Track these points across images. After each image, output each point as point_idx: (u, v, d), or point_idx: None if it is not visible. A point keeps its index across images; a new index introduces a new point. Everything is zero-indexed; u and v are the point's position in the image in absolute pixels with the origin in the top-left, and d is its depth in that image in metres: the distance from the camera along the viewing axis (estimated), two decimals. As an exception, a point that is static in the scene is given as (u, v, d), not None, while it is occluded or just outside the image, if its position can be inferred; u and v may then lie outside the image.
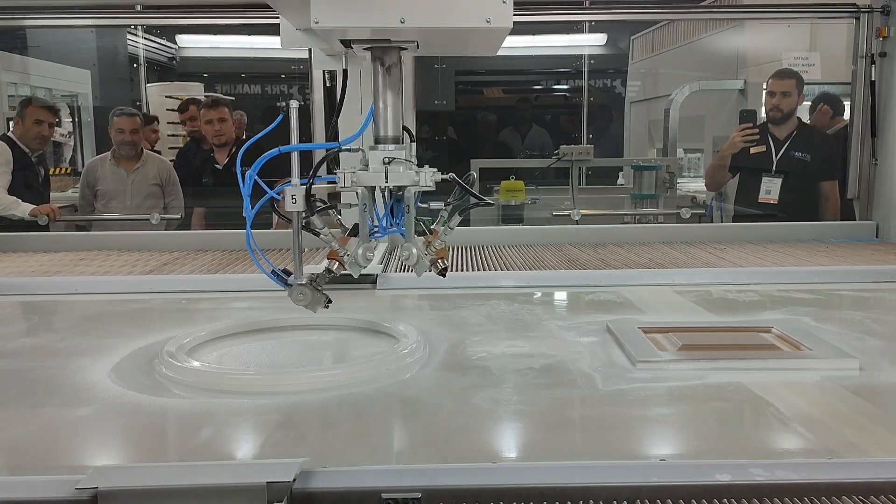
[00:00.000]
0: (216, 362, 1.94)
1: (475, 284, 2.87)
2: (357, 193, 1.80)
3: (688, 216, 4.52)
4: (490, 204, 1.88)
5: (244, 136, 5.84)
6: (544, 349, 2.03)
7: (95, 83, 8.50)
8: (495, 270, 3.07)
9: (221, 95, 8.69)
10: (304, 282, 1.86)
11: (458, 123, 9.50)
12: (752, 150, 4.41)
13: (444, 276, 1.96)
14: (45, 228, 4.42)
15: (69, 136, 7.79)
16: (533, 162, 6.78)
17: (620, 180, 7.55)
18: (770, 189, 4.34)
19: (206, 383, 1.74)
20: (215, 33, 9.68)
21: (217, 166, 5.04)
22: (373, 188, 1.81)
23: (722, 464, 1.22)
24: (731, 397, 1.67)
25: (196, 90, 8.45)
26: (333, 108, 3.82)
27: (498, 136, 8.51)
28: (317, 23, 1.54)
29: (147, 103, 8.54)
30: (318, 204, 1.79)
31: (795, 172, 4.34)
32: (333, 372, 1.86)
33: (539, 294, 2.84)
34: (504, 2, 1.54)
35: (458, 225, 1.98)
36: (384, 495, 1.14)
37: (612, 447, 1.46)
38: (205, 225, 5.01)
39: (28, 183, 4.68)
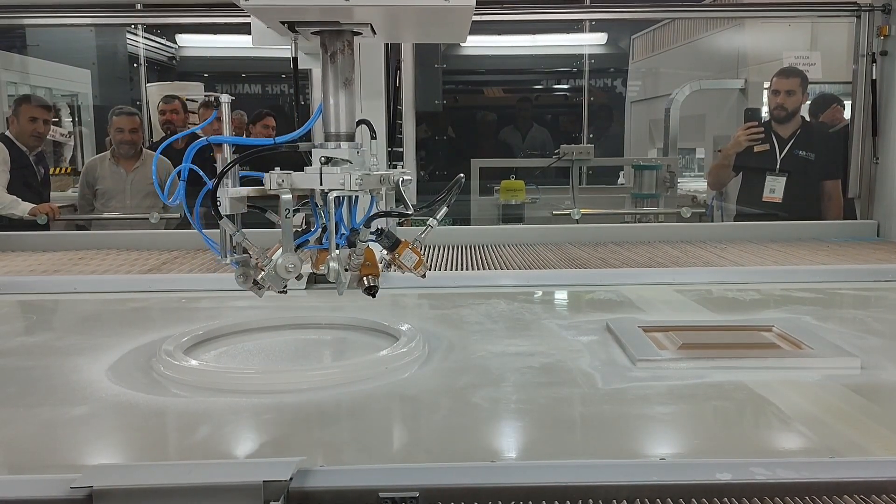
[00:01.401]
0: (214, 361, 1.93)
1: (475, 283, 2.86)
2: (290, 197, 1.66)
3: (688, 215, 4.51)
4: (407, 215, 1.74)
5: (244, 136, 5.84)
6: (544, 348, 2.02)
7: (95, 82, 8.49)
8: (495, 269, 3.06)
9: (221, 94, 8.66)
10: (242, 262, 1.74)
11: (459, 123, 9.49)
12: (756, 149, 4.40)
13: (371, 295, 1.81)
14: (45, 228, 4.41)
15: (69, 136, 7.79)
16: (533, 161, 6.78)
17: (621, 180, 7.54)
18: (774, 188, 4.32)
19: (203, 382, 1.73)
20: (215, 32, 9.67)
21: (216, 165, 5.02)
22: (313, 191, 1.68)
23: (722, 463, 1.22)
24: (731, 396, 1.66)
25: (196, 90, 8.43)
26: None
27: (498, 135, 8.50)
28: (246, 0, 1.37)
29: (147, 103, 8.53)
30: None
31: (799, 171, 4.32)
32: (332, 371, 1.85)
33: (539, 293, 2.84)
34: None
35: (458, 224, 1.94)
36: (381, 494, 1.13)
37: (612, 446, 1.46)
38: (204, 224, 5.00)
39: (27, 182, 4.65)
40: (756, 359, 1.85)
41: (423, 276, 1.82)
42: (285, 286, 1.78)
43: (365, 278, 1.81)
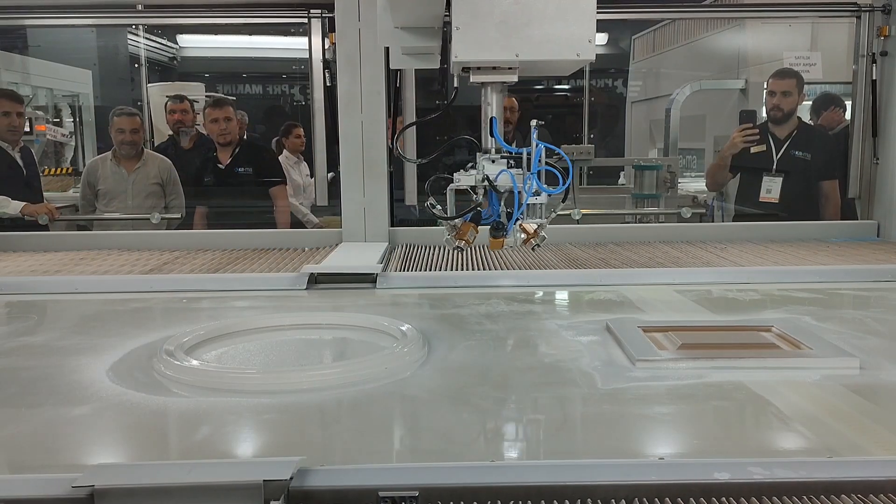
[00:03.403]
0: (215, 361, 1.93)
1: (475, 284, 2.87)
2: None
3: (688, 216, 4.51)
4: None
5: (245, 136, 5.85)
6: (544, 348, 2.02)
7: (96, 83, 8.51)
8: (495, 270, 3.06)
9: (224, 95, 8.69)
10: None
11: (460, 123, 9.49)
12: (753, 150, 4.41)
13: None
14: (45, 228, 4.39)
15: (70, 136, 7.80)
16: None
17: (621, 180, 7.54)
18: (771, 188, 4.33)
19: (204, 382, 1.74)
20: (216, 33, 9.69)
21: (220, 165, 5.04)
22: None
23: (720, 462, 1.22)
24: (730, 396, 1.67)
25: (197, 90, 8.44)
26: (334, 108, 3.82)
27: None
28: (456, 58, 1.89)
29: (148, 103, 8.54)
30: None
31: (796, 171, 4.33)
32: (333, 371, 1.86)
33: (539, 293, 2.84)
34: (589, 41, 1.87)
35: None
36: (381, 493, 1.14)
37: (611, 446, 1.46)
38: (206, 224, 5.01)
39: (9, 180, 4.49)
40: (755, 359, 1.85)
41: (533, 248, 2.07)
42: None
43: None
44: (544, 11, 1.86)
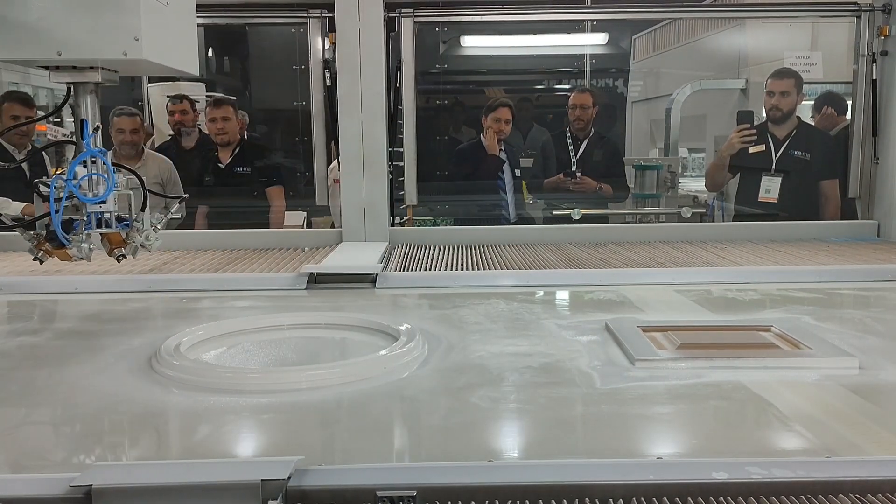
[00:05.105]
0: (215, 361, 1.94)
1: (475, 283, 2.87)
2: None
3: (688, 215, 4.51)
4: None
5: (246, 136, 5.85)
6: (543, 348, 2.02)
7: (97, 83, 8.49)
8: (495, 269, 3.06)
9: (224, 95, 8.67)
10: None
11: (460, 123, 9.48)
12: (752, 150, 4.41)
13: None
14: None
15: (71, 136, 7.79)
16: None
17: (622, 180, 7.52)
18: (770, 188, 4.33)
19: (204, 382, 1.74)
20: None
21: (220, 165, 5.04)
22: None
23: (718, 462, 1.22)
24: (729, 396, 1.67)
25: (198, 90, 8.43)
26: (334, 109, 3.82)
27: (499, 135, 8.47)
28: None
29: (148, 103, 8.53)
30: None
31: (795, 171, 4.32)
32: (332, 370, 1.86)
33: (539, 293, 2.84)
34: (136, 38, 1.86)
35: (459, 224, 2.02)
36: (379, 493, 1.14)
37: (610, 445, 1.46)
38: (206, 224, 5.01)
39: (14, 182, 4.44)
40: (754, 359, 1.85)
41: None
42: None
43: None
44: (84, 8, 1.84)
